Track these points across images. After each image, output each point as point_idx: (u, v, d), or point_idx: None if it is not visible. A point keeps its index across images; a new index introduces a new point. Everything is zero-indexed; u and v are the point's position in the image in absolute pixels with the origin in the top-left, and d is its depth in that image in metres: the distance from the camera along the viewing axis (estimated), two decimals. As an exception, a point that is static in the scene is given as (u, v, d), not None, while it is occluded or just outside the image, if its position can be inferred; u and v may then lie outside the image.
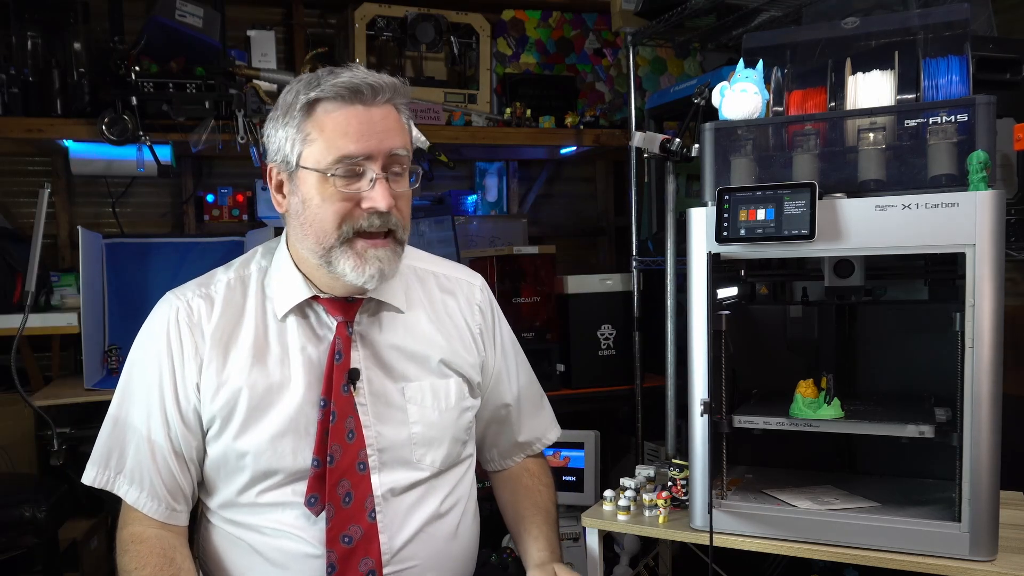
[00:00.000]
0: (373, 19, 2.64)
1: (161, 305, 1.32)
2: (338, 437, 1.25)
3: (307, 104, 1.21)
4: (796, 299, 1.70)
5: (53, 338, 2.43)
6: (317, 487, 1.24)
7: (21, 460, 2.33)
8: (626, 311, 2.55)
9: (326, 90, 1.21)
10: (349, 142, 1.19)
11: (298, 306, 1.29)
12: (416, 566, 1.29)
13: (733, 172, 1.53)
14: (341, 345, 1.27)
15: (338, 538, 1.24)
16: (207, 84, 2.32)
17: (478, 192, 3.13)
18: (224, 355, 1.27)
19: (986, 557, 1.35)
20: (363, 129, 1.20)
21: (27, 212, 2.60)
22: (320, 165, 1.20)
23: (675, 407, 2.20)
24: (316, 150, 1.21)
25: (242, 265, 1.36)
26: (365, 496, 1.25)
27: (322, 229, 1.22)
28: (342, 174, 1.20)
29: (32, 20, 2.30)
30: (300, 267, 1.30)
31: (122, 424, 1.29)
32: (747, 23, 2.38)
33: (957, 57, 1.44)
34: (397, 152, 1.23)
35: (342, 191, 1.21)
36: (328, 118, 1.21)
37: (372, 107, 1.22)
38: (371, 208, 1.21)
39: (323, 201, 1.21)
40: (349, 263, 1.22)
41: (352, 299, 1.30)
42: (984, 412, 1.32)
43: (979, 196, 1.30)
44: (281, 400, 1.26)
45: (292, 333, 1.29)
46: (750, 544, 1.50)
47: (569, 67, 3.04)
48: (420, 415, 1.31)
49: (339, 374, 1.26)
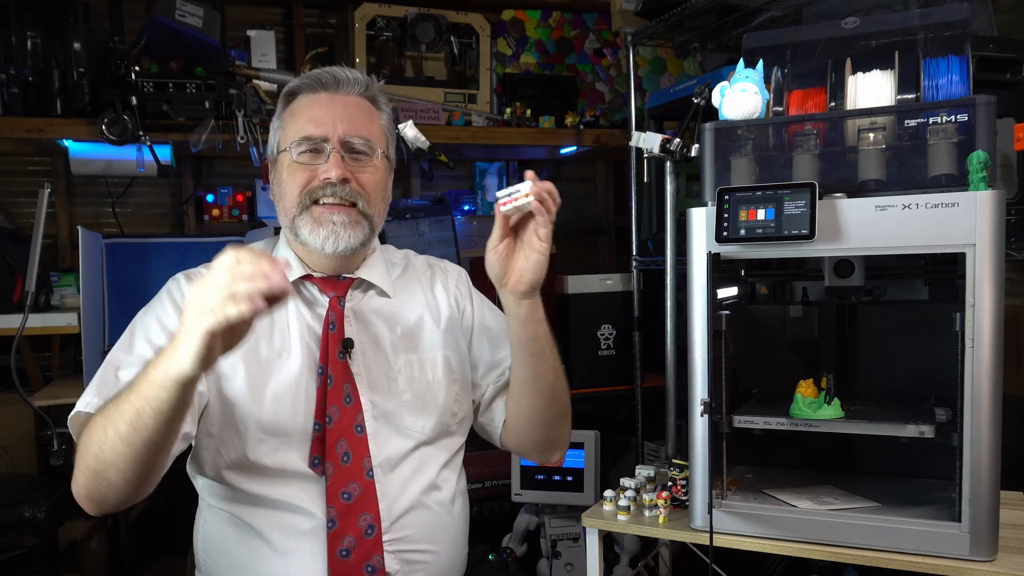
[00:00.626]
0: (373, 19, 2.64)
1: (170, 283, 1.38)
2: (336, 399, 1.30)
3: (286, 96, 1.37)
4: (796, 299, 1.70)
5: (53, 338, 2.43)
6: (319, 449, 1.29)
7: (21, 460, 2.33)
8: (626, 311, 2.55)
9: (298, 82, 1.36)
10: (308, 123, 1.32)
11: (293, 285, 1.33)
12: (412, 535, 1.31)
13: (733, 172, 1.53)
14: (335, 317, 1.34)
15: (338, 494, 1.27)
16: (207, 84, 2.32)
17: (478, 192, 3.13)
18: None
19: (986, 557, 1.35)
20: (323, 112, 1.32)
21: (27, 212, 2.60)
22: (286, 145, 1.33)
23: (675, 407, 2.20)
24: (287, 133, 1.34)
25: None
26: (362, 456, 1.30)
27: (287, 200, 1.33)
28: (301, 147, 1.31)
29: (32, 20, 2.30)
30: (293, 250, 1.39)
31: (114, 362, 1.29)
32: (747, 23, 2.38)
33: (957, 57, 1.44)
34: (352, 139, 1.32)
35: (303, 165, 1.32)
36: (298, 104, 1.35)
37: (336, 95, 1.34)
38: (325, 179, 1.30)
39: (288, 176, 1.33)
40: (307, 228, 1.31)
41: (342, 278, 1.37)
42: (984, 412, 1.32)
43: (979, 196, 1.30)
44: (281, 367, 1.31)
45: (290, 307, 1.35)
46: (750, 544, 1.50)
47: (569, 67, 3.04)
48: (409, 385, 1.37)
49: (334, 342, 1.32)
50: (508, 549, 2.42)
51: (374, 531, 1.27)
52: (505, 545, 2.44)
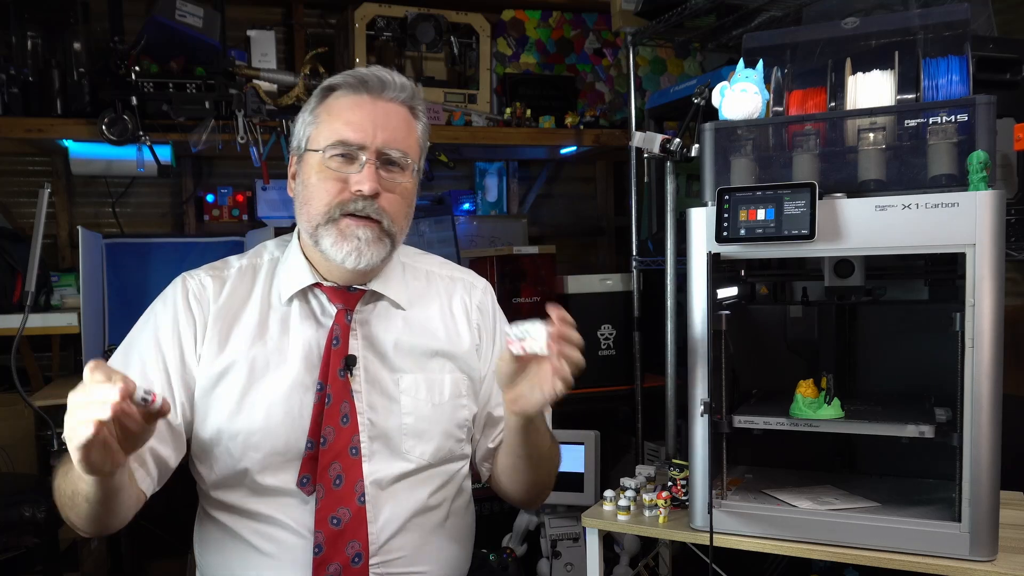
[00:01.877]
0: (373, 19, 2.64)
1: (174, 282, 1.36)
2: (332, 420, 1.27)
3: (323, 91, 1.32)
4: (796, 299, 1.70)
5: (53, 338, 2.43)
6: (310, 468, 1.26)
7: (21, 460, 2.34)
8: (626, 311, 2.55)
9: (339, 78, 1.31)
10: (348, 127, 1.26)
11: (301, 292, 1.33)
12: (402, 558, 1.29)
13: (733, 172, 1.53)
14: (339, 331, 1.30)
15: (326, 519, 1.24)
16: (207, 84, 2.32)
17: (478, 192, 3.14)
18: (227, 331, 1.30)
19: (986, 557, 1.35)
20: (364, 117, 1.27)
21: (27, 212, 2.60)
22: (320, 145, 1.28)
23: (675, 407, 2.20)
24: (321, 132, 1.29)
25: (255, 254, 1.41)
26: (355, 480, 1.26)
27: (314, 207, 1.28)
28: (336, 150, 1.26)
29: (32, 20, 2.30)
30: (306, 254, 1.35)
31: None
32: (747, 23, 2.38)
33: (957, 57, 1.44)
34: (389, 151, 1.28)
35: (335, 171, 1.27)
36: (336, 103, 1.30)
37: (379, 100, 1.29)
38: (357, 190, 1.25)
39: (318, 180, 1.28)
40: (331, 239, 1.27)
41: (353, 289, 1.33)
42: (984, 412, 1.32)
43: (979, 196, 1.30)
44: (275, 377, 1.28)
45: (294, 316, 1.33)
46: (750, 544, 1.50)
47: (569, 67, 3.04)
48: (413, 407, 1.33)
49: (336, 359, 1.29)
50: (508, 549, 2.41)
51: (361, 560, 1.25)
52: (505, 545, 2.44)
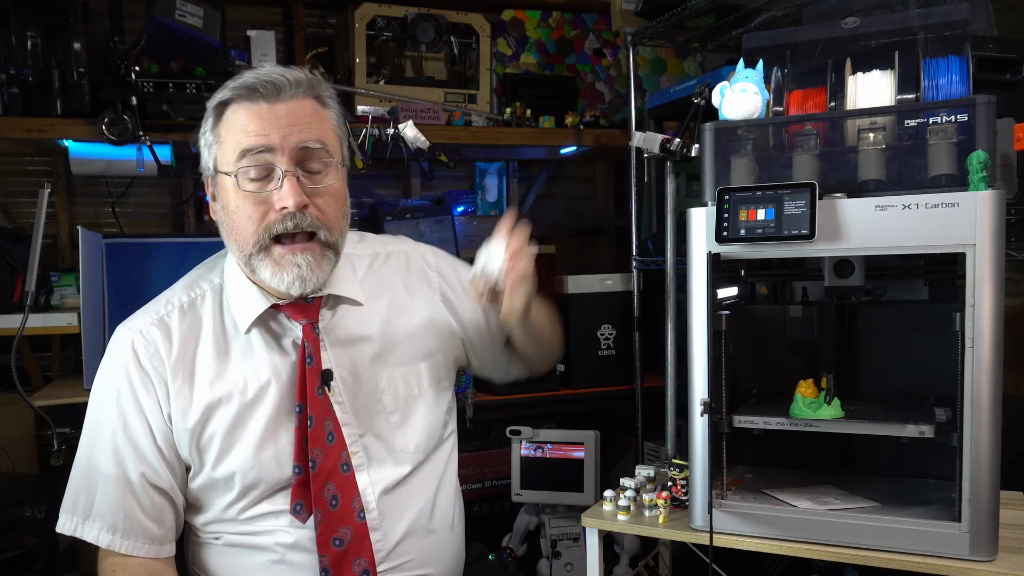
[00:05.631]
0: (373, 19, 2.64)
1: (114, 341, 1.27)
2: (318, 441, 1.23)
3: (215, 108, 1.21)
4: (796, 299, 1.70)
5: (53, 338, 2.43)
6: (301, 494, 1.23)
7: (21, 460, 2.34)
8: (626, 311, 2.55)
9: (229, 92, 1.20)
10: (247, 136, 1.17)
11: (259, 317, 1.26)
12: (411, 561, 1.29)
13: (733, 172, 1.53)
14: (311, 348, 1.25)
15: (329, 542, 1.22)
16: (207, 84, 2.32)
17: (478, 192, 3.13)
18: (190, 381, 1.24)
19: (986, 557, 1.35)
20: (264, 124, 1.17)
21: (27, 212, 2.60)
22: (229, 167, 1.19)
23: (675, 407, 2.20)
24: (225, 152, 1.19)
25: (190, 286, 1.31)
26: (352, 497, 1.24)
27: (241, 236, 1.20)
28: (248, 173, 1.17)
29: (32, 20, 2.30)
30: (250, 279, 1.26)
31: (88, 469, 1.24)
32: (747, 23, 2.37)
33: (957, 57, 1.44)
34: (307, 145, 1.18)
35: (252, 193, 1.18)
36: (233, 118, 1.19)
37: (277, 103, 1.18)
38: (282, 207, 1.17)
39: (237, 206, 1.19)
40: (268, 270, 1.20)
41: (310, 299, 1.26)
42: (984, 412, 1.32)
43: (979, 196, 1.30)
44: (255, 414, 1.24)
45: (257, 344, 1.26)
46: (750, 544, 1.50)
47: (569, 67, 3.04)
48: (396, 404, 1.31)
49: (312, 377, 1.24)
50: (508, 549, 2.42)
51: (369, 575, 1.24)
52: (505, 545, 2.44)
